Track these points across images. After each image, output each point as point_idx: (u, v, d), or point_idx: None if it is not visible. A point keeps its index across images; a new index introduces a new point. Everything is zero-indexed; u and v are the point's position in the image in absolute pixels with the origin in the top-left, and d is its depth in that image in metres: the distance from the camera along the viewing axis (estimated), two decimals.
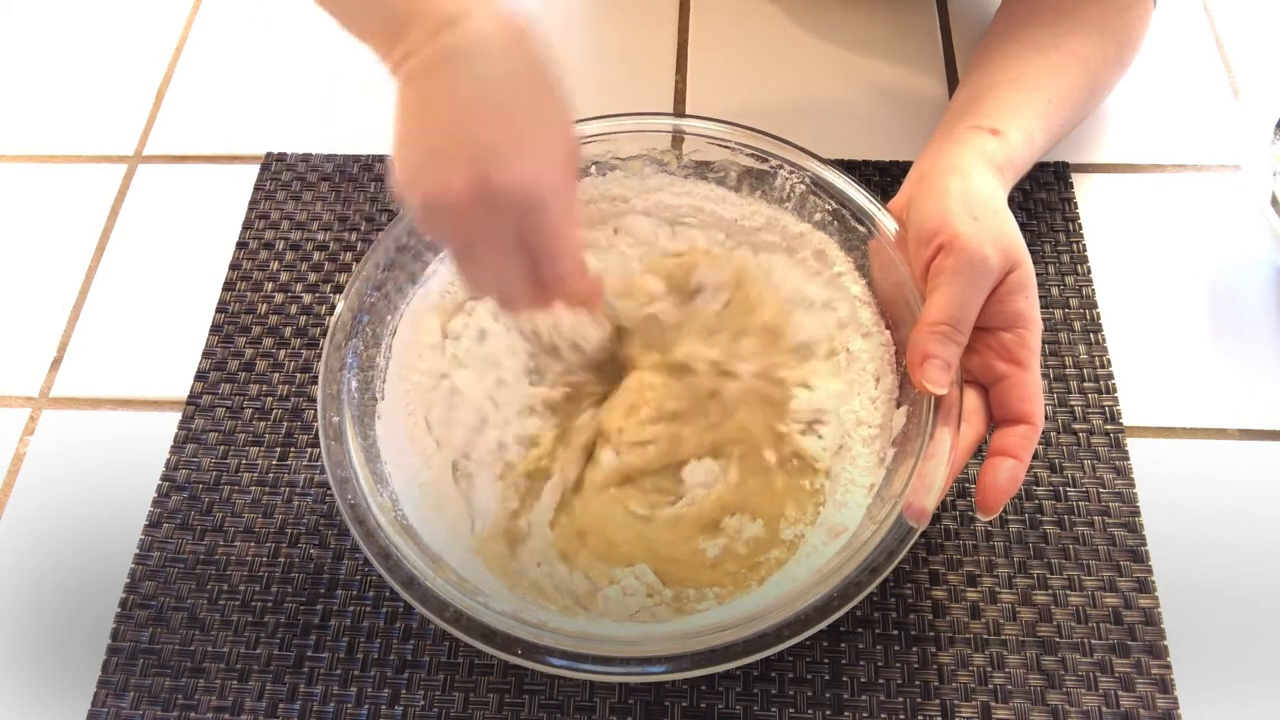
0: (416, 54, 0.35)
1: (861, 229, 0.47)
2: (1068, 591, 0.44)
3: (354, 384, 0.44)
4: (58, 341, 0.55)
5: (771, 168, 0.49)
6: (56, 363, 0.54)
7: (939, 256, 0.40)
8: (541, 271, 0.38)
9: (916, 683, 0.42)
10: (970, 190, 0.42)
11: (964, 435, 0.40)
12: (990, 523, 0.46)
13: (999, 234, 0.40)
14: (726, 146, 0.49)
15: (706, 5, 0.66)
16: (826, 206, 0.48)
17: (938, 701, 0.42)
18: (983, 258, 0.39)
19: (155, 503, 0.48)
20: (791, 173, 0.48)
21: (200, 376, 0.52)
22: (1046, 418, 0.48)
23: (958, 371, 0.40)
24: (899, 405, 0.44)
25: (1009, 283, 0.40)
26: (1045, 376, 0.50)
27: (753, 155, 0.49)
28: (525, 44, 0.36)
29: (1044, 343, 0.51)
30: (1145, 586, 0.44)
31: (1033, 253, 0.41)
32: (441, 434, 0.47)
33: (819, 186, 0.48)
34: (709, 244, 0.51)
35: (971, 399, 0.41)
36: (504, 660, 0.40)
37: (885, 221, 0.46)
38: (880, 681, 0.42)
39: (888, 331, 0.46)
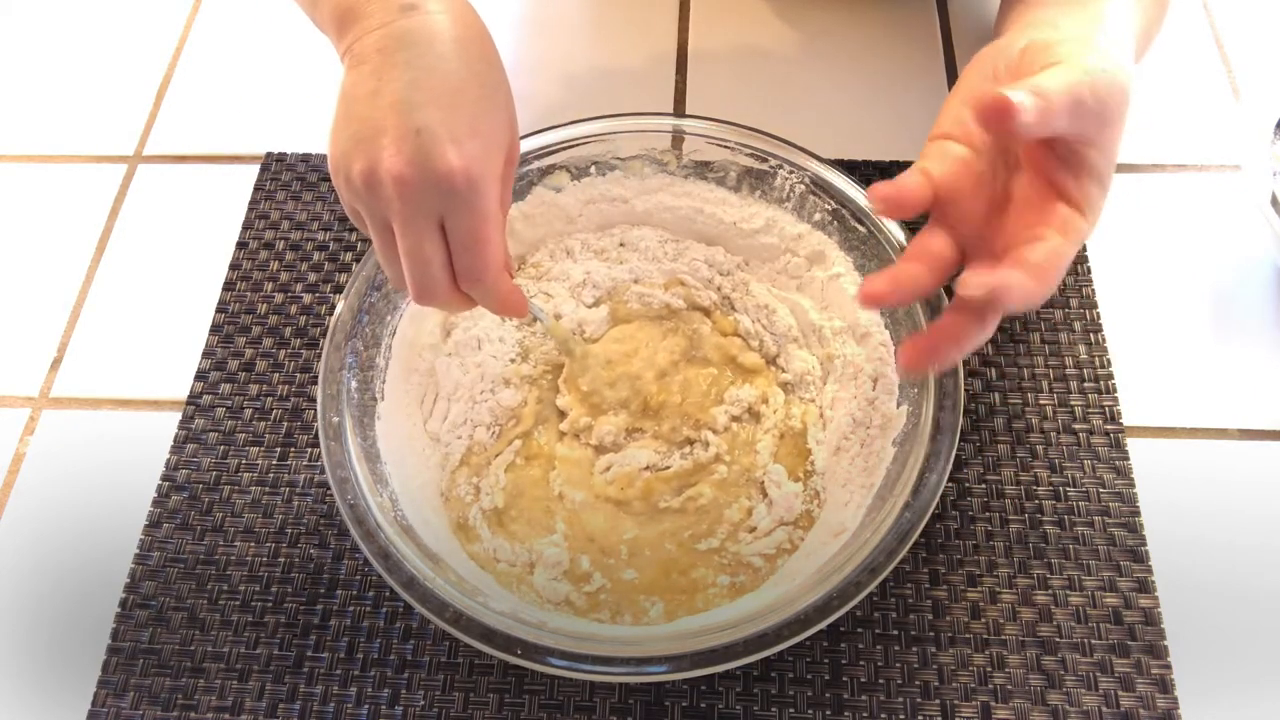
0: (364, 38, 0.36)
1: (861, 229, 0.47)
2: (1068, 591, 0.44)
3: (354, 384, 0.44)
4: (58, 341, 0.55)
5: (771, 168, 0.49)
6: (56, 363, 0.54)
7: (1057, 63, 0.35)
8: (459, 264, 0.37)
9: (916, 683, 0.42)
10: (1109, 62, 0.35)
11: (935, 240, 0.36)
12: (990, 523, 0.46)
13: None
14: (726, 146, 0.49)
15: (706, 5, 0.66)
16: (826, 206, 0.48)
17: (938, 701, 0.42)
18: (1121, 87, 0.34)
19: (155, 503, 0.48)
20: (791, 172, 0.48)
21: (200, 376, 0.52)
22: (1046, 418, 0.49)
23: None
24: (899, 405, 0.44)
25: (1098, 162, 0.35)
26: (1045, 376, 0.50)
27: (752, 155, 0.49)
28: (474, 38, 0.37)
29: (1044, 343, 0.51)
30: (1145, 586, 0.44)
31: None
32: (432, 428, 0.47)
33: (819, 186, 0.48)
34: (709, 268, 0.51)
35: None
36: (504, 660, 0.40)
37: (886, 221, 0.46)
38: (880, 681, 0.42)
39: (886, 331, 0.46)
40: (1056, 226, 0.35)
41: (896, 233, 0.46)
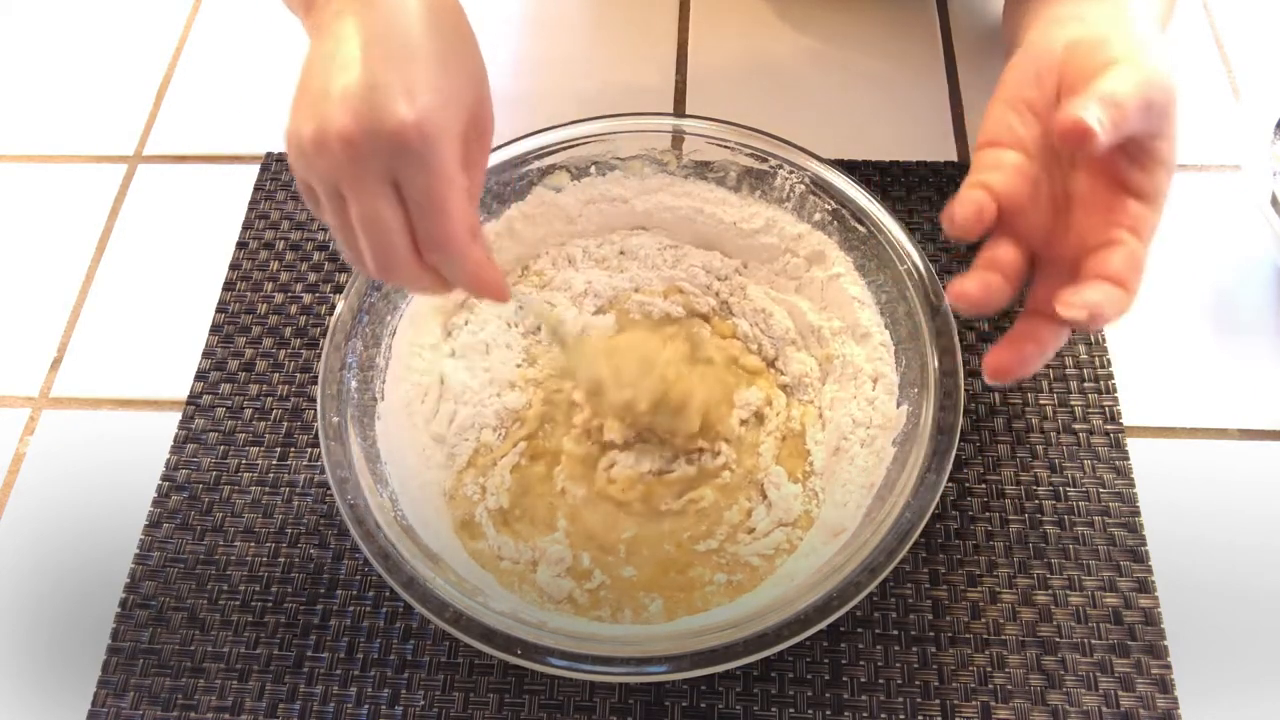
0: (327, 7, 0.35)
1: (861, 229, 0.47)
2: (1068, 591, 0.44)
3: (354, 384, 0.44)
4: (58, 341, 0.55)
5: (771, 168, 0.49)
6: (56, 363, 0.54)
7: (1112, 64, 0.34)
8: (419, 230, 0.34)
9: (917, 683, 0.42)
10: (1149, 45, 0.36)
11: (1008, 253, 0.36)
12: (990, 523, 0.46)
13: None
14: (726, 146, 0.49)
15: (706, 5, 0.66)
16: (826, 206, 0.48)
17: (938, 701, 0.42)
18: (1168, 87, 0.34)
19: (155, 503, 0.48)
20: (791, 173, 0.48)
21: (200, 376, 0.52)
22: (1046, 418, 0.49)
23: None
24: (899, 404, 0.44)
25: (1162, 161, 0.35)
26: (1045, 376, 0.50)
27: (752, 155, 0.49)
28: (437, 5, 0.35)
29: None
30: (1145, 586, 0.44)
31: None
32: (435, 430, 0.47)
33: (819, 186, 0.48)
34: (707, 274, 0.51)
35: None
36: (504, 660, 0.40)
37: (886, 221, 0.46)
38: (880, 681, 0.42)
39: (886, 331, 0.46)
40: (1128, 226, 0.35)
41: (898, 233, 0.45)
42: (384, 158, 0.33)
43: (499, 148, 0.48)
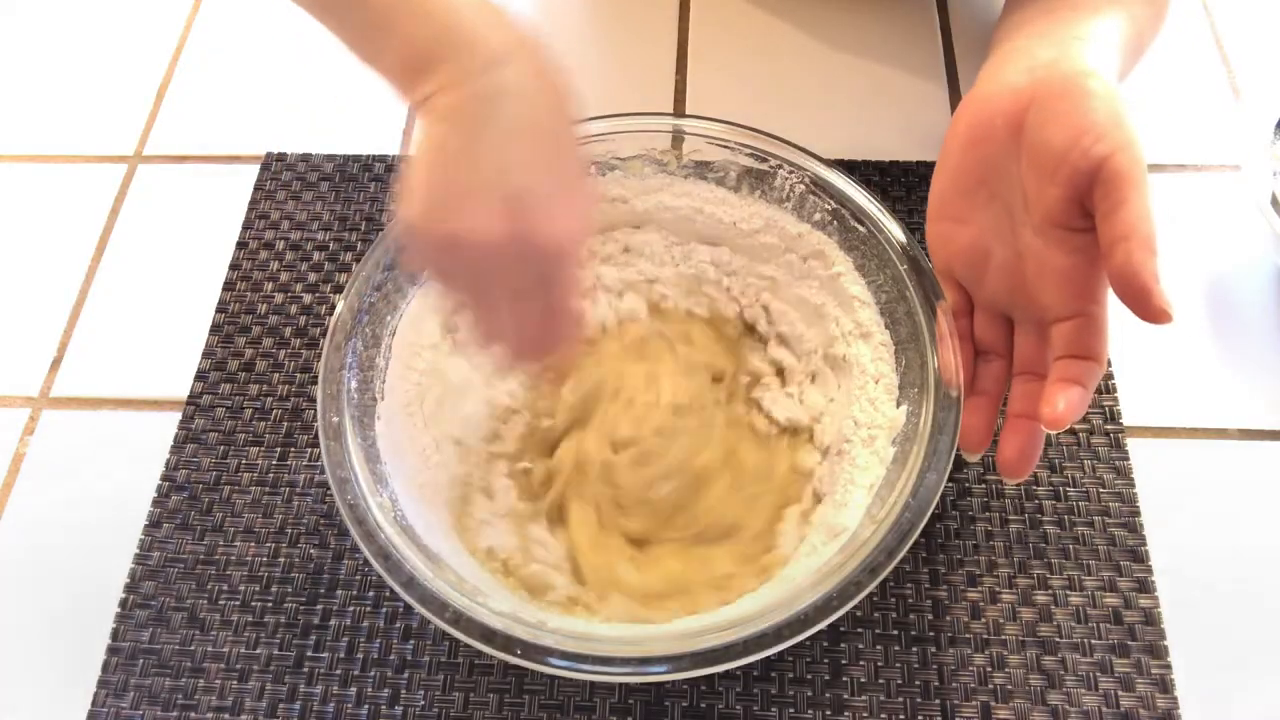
0: (450, 91, 0.33)
1: (861, 229, 0.47)
2: (1068, 591, 0.44)
3: (354, 384, 0.44)
4: (58, 341, 0.55)
5: (771, 168, 0.49)
6: (56, 363, 0.54)
7: (1112, 165, 0.36)
8: (545, 331, 0.37)
9: (916, 683, 0.42)
10: (1116, 94, 0.38)
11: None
12: (990, 524, 0.46)
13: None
14: (726, 146, 0.49)
15: (706, 5, 0.66)
16: (826, 206, 0.48)
17: (938, 701, 0.42)
18: (1144, 170, 0.36)
19: (155, 503, 0.48)
20: (791, 172, 0.48)
21: (200, 376, 0.52)
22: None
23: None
24: (899, 404, 0.44)
25: None
26: None
27: (752, 155, 0.49)
28: (561, 97, 0.36)
29: None
30: (1145, 586, 0.44)
31: None
32: (438, 431, 0.47)
33: (819, 186, 0.48)
34: (716, 270, 0.51)
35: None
36: (504, 660, 0.40)
37: (886, 221, 0.45)
38: (880, 681, 0.42)
39: (887, 331, 0.46)
40: (1089, 296, 0.37)
41: (897, 232, 0.45)
42: (539, 265, 0.34)
43: None
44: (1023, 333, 0.42)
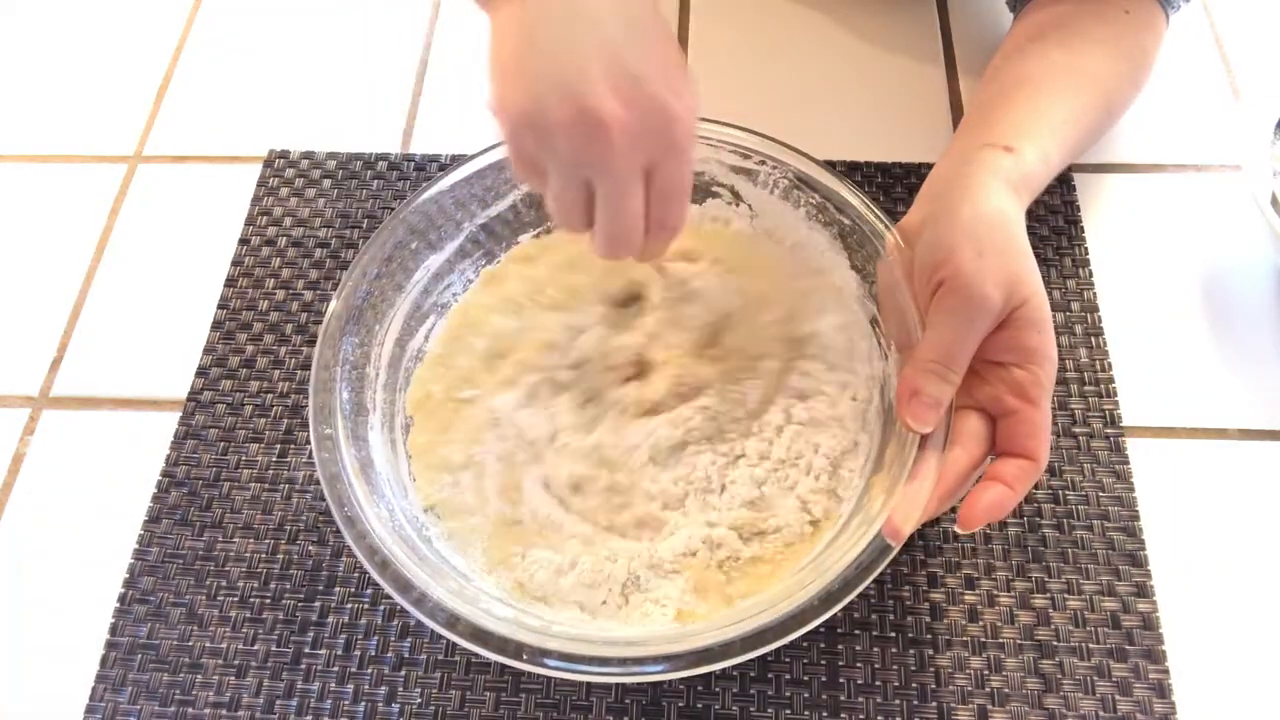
0: None
1: (846, 221, 0.46)
2: (1066, 595, 0.44)
3: (346, 394, 0.44)
4: (58, 341, 0.55)
5: (755, 164, 0.48)
6: (56, 363, 0.54)
7: (940, 292, 0.39)
8: (657, 214, 0.35)
9: (913, 685, 0.42)
10: (980, 219, 0.39)
11: (957, 459, 0.38)
12: (989, 526, 0.46)
13: (1005, 271, 0.38)
14: (710, 144, 0.49)
15: (706, 5, 0.66)
16: (811, 200, 0.47)
17: (935, 704, 0.42)
18: (983, 297, 0.37)
19: (155, 498, 0.49)
20: (775, 169, 0.48)
21: (201, 373, 0.52)
22: None
23: (949, 404, 0.38)
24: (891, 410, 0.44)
25: (1018, 317, 0.38)
26: None
27: (735, 151, 0.48)
28: None
29: None
30: (1144, 591, 0.44)
31: (1035, 255, 0.40)
32: (440, 436, 0.47)
33: (802, 182, 0.47)
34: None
35: (974, 424, 0.39)
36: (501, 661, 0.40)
37: (868, 215, 0.45)
38: (877, 683, 0.42)
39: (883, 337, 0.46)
40: (1035, 399, 0.38)
41: (880, 225, 0.45)
42: (651, 148, 0.33)
43: (493, 149, 0.48)
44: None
